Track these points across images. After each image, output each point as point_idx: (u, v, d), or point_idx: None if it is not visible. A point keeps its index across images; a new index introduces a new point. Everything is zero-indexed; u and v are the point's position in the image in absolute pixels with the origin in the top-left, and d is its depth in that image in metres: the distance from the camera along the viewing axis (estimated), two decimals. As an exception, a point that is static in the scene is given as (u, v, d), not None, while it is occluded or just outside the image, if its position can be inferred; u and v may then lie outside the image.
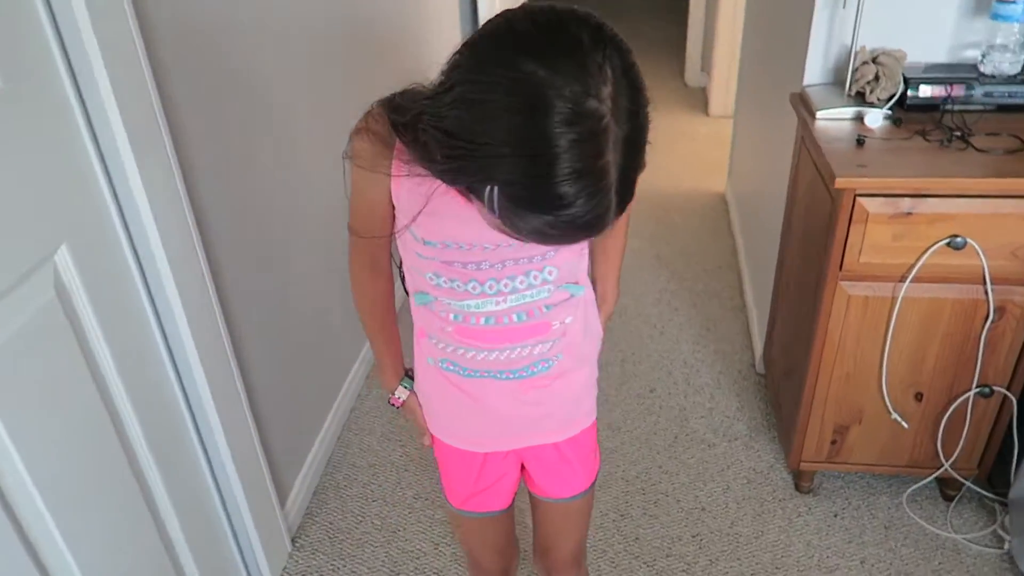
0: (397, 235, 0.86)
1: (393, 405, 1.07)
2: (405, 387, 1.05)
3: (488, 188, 0.61)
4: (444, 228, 0.82)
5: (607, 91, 0.59)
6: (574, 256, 0.90)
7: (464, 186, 0.66)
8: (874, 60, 1.46)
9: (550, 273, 0.87)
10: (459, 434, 1.02)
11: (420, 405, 1.05)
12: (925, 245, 1.29)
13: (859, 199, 1.27)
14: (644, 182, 0.66)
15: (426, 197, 0.79)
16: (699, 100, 3.77)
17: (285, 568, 1.57)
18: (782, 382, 1.72)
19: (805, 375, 1.48)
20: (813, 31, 1.54)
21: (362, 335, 2.06)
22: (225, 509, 1.41)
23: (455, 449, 1.03)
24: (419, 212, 0.80)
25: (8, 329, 0.89)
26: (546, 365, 0.95)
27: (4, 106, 0.87)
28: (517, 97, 0.58)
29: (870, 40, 1.50)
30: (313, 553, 1.60)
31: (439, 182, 0.71)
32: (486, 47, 0.63)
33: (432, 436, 1.05)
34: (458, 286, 0.85)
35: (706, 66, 3.70)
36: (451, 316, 0.89)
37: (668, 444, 1.80)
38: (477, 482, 1.05)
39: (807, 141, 1.45)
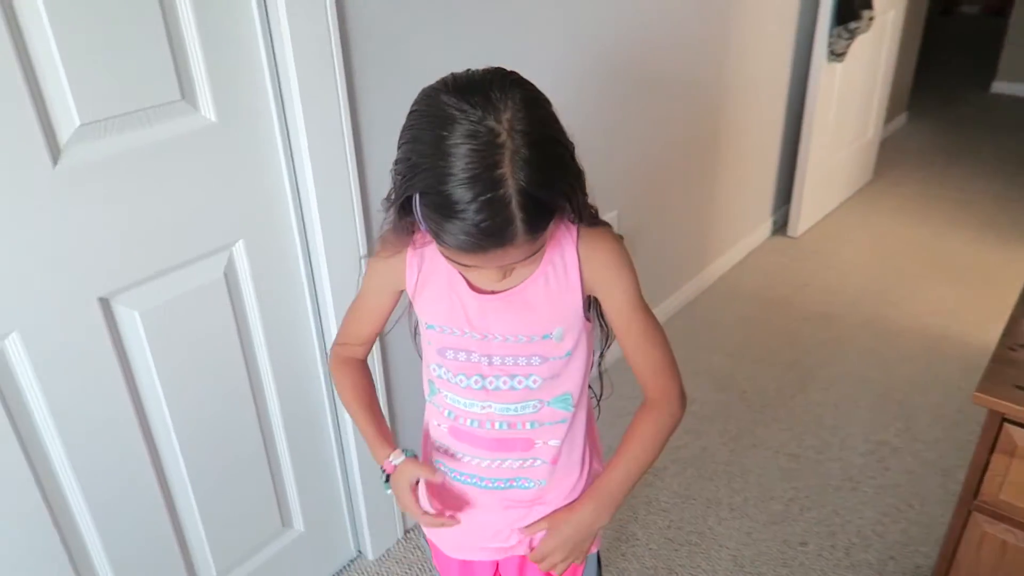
0: (413, 306, 0.96)
1: (385, 471, 1.00)
2: (401, 454, 0.98)
3: (415, 202, 0.75)
4: (437, 309, 0.92)
5: (506, 116, 0.72)
6: (558, 368, 0.93)
7: (402, 209, 0.79)
8: None
9: (534, 382, 0.92)
10: (443, 539, 1.08)
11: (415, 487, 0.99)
12: (1089, 510, 1.02)
13: (1007, 425, 1.05)
14: (946, 319, 0.67)
15: (421, 268, 0.92)
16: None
17: (389, 550, 1.78)
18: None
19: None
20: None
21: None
22: (346, 480, 1.65)
23: (437, 550, 1.11)
24: (417, 278, 0.93)
25: (182, 288, 1.22)
26: (526, 484, 0.99)
27: (215, 137, 1.19)
28: (433, 120, 0.73)
29: None
30: (416, 549, 1.78)
31: (430, 255, 0.89)
32: (424, 97, 0.77)
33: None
34: (450, 377, 0.94)
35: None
36: (445, 412, 0.98)
37: (786, 606, 1.63)
38: None
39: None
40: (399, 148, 0.78)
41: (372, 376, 1.06)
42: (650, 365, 0.93)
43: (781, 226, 3.23)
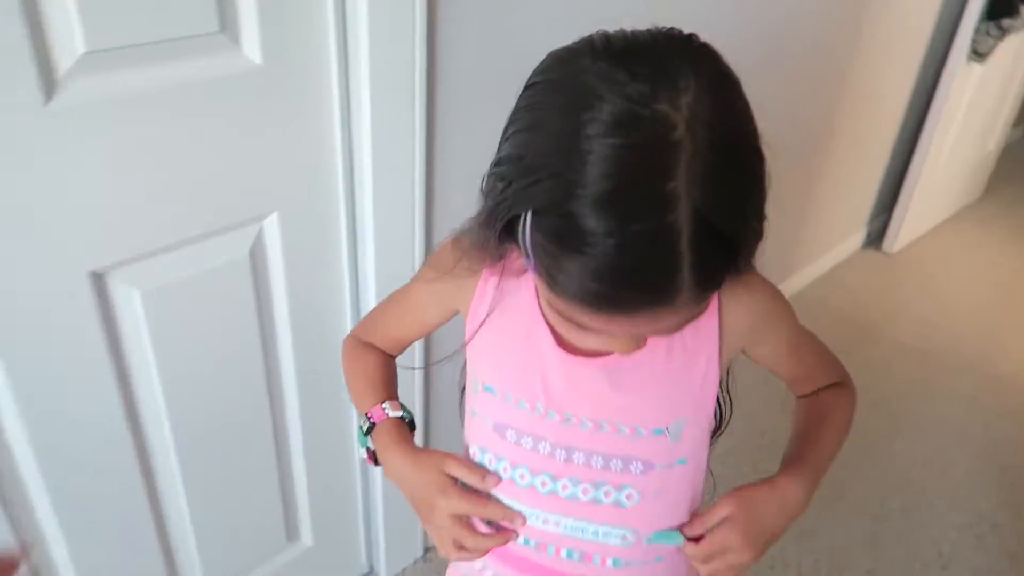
0: (466, 352, 0.71)
1: (370, 419, 0.74)
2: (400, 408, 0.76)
3: (524, 224, 0.48)
4: (503, 365, 0.67)
5: (686, 100, 0.45)
6: (663, 481, 0.67)
7: (504, 231, 0.52)
8: None
9: (628, 497, 0.66)
10: None
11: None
12: None
13: None
14: None
15: (495, 301, 0.66)
16: None
17: (405, 569, 1.57)
18: None
19: None
20: None
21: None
22: (365, 489, 1.43)
23: None
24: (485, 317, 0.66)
25: (196, 267, 0.98)
26: None
27: (258, 83, 0.93)
28: (568, 95, 0.46)
29: None
30: (436, 573, 1.57)
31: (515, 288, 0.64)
32: (554, 63, 0.50)
33: None
34: (504, 468, 0.68)
35: None
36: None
37: None
38: None
39: None
40: (505, 140, 0.51)
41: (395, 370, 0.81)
42: (826, 376, 0.78)
43: (875, 238, 2.90)
